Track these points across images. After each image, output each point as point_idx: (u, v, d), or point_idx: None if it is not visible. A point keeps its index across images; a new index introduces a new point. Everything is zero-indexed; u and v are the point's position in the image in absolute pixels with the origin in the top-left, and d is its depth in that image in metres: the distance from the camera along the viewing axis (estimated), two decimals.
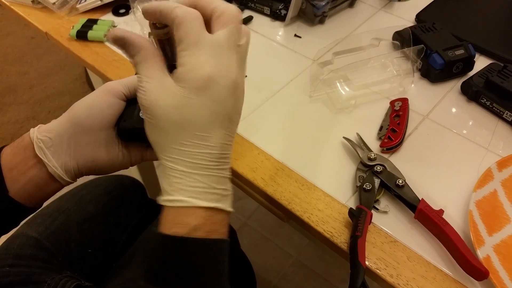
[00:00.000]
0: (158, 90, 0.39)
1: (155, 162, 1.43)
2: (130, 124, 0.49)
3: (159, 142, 0.41)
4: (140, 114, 0.49)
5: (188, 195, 0.39)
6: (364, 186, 0.59)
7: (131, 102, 0.50)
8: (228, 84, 0.39)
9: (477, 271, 0.50)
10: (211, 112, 0.39)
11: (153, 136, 0.41)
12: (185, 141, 0.39)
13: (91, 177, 0.84)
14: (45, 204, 0.53)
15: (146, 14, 0.41)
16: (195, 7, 0.41)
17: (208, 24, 0.41)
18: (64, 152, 0.48)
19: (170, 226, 0.39)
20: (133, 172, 1.30)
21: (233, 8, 0.41)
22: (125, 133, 0.50)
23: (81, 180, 0.59)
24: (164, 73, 0.40)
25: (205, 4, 0.41)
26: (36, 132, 0.48)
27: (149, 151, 0.53)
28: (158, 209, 0.41)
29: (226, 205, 0.41)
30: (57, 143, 0.48)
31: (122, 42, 0.41)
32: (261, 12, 0.90)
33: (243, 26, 0.42)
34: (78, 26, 0.86)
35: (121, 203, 0.78)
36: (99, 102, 0.48)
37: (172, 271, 0.39)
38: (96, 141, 0.49)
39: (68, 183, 0.50)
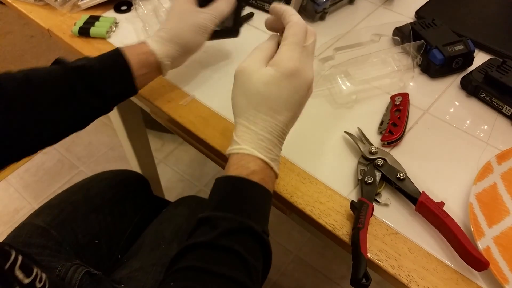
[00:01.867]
0: (255, 68, 0.51)
1: (156, 160, 1.44)
2: (217, 32, 0.72)
3: (241, 105, 0.52)
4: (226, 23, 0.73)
5: (253, 146, 0.50)
6: (366, 179, 0.59)
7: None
8: (307, 80, 0.52)
9: (477, 262, 0.51)
10: (288, 95, 0.50)
11: (238, 99, 0.52)
12: (263, 110, 0.50)
13: (97, 171, 0.85)
14: (51, 196, 0.55)
15: (273, 11, 0.56)
16: (278, 15, 0.56)
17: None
18: (178, 62, 0.69)
19: (234, 168, 0.50)
20: (134, 169, 1.31)
21: (310, 29, 0.55)
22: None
23: (87, 174, 0.60)
24: (265, 61, 0.52)
25: (286, 15, 0.54)
26: (159, 59, 0.65)
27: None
28: (162, 205, 0.43)
29: (276, 167, 0.52)
30: (173, 62, 0.67)
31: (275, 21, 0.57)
32: (262, 8, 0.91)
33: (309, 27, 0.54)
34: (80, 23, 0.86)
35: (127, 197, 0.79)
36: (200, 22, 0.66)
37: (233, 202, 0.48)
38: (197, 42, 0.68)
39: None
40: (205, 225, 0.46)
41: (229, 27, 0.75)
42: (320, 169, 0.63)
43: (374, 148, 0.62)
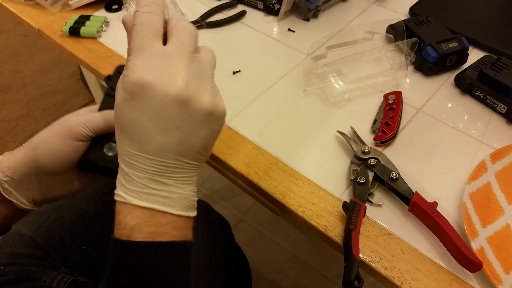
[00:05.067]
0: (118, 87, 0.39)
1: None
2: (92, 161, 0.49)
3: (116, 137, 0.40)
4: (105, 151, 0.49)
5: (126, 192, 0.38)
6: (358, 180, 0.59)
7: (97, 139, 0.49)
8: (170, 93, 0.36)
9: (471, 262, 0.50)
10: (147, 117, 0.37)
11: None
12: (124, 141, 0.38)
13: None
14: None
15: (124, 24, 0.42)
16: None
17: None
18: (30, 190, 0.49)
19: (116, 226, 0.39)
20: None
21: (185, 23, 0.40)
22: (87, 168, 0.50)
23: None
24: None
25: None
26: None
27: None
28: None
29: (172, 208, 0.39)
30: (22, 182, 0.48)
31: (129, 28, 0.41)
32: (254, 6, 0.90)
33: (206, 46, 0.42)
34: (70, 23, 0.85)
35: (113, 199, 0.78)
36: (63, 147, 0.47)
37: (122, 274, 0.38)
38: (60, 180, 0.50)
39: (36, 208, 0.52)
40: None
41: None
42: (312, 169, 0.63)
43: (366, 148, 0.62)
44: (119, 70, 0.54)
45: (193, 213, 0.41)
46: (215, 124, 0.40)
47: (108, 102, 0.51)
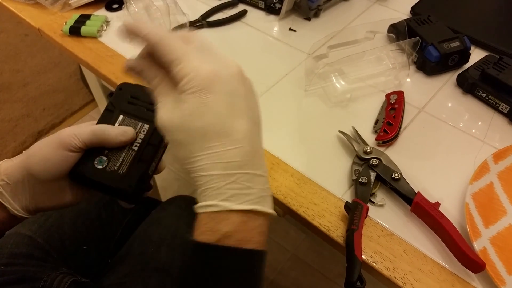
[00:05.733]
0: (171, 108, 0.39)
1: None
2: (82, 172, 0.49)
3: (187, 156, 0.38)
4: (95, 164, 0.49)
5: (221, 198, 0.37)
6: (360, 180, 0.58)
7: (90, 150, 0.49)
8: (233, 73, 0.39)
9: (473, 263, 0.50)
10: (226, 105, 0.38)
11: (180, 153, 0.39)
12: (211, 143, 0.37)
13: None
14: None
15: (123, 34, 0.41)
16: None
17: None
18: (23, 197, 0.49)
19: (201, 232, 0.38)
20: None
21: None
22: (77, 179, 0.50)
23: None
24: (170, 95, 0.40)
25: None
26: None
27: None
28: (151, 205, 0.40)
29: (265, 207, 0.39)
30: (16, 188, 0.49)
31: (139, 70, 0.42)
32: (255, 6, 0.90)
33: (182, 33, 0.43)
34: (71, 22, 0.85)
35: (115, 200, 0.77)
36: (53, 156, 0.48)
37: (201, 280, 0.38)
38: (52, 189, 0.50)
39: (29, 216, 0.51)
40: None
41: (122, 183, 0.49)
42: (314, 169, 0.62)
43: (368, 148, 0.61)
44: (121, 87, 0.54)
45: (275, 212, 0.41)
46: (257, 100, 0.43)
47: (107, 117, 0.52)
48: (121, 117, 0.52)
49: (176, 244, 0.68)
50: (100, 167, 0.49)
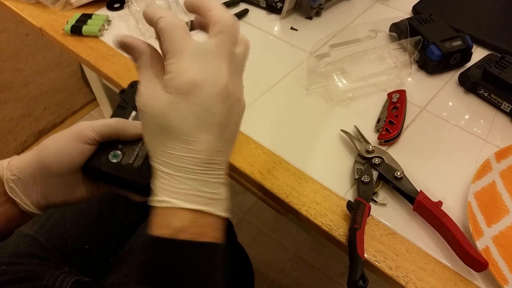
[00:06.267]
0: (150, 95, 0.40)
1: None
2: (97, 166, 0.49)
3: (151, 144, 0.41)
4: (110, 158, 0.49)
5: (172, 196, 0.39)
6: (362, 179, 0.58)
7: (103, 145, 0.50)
8: (215, 91, 0.39)
9: (476, 262, 0.50)
10: (196, 117, 0.38)
11: (146, 138, 0.41)
12: (171, 144, 0.39)
13: None
14: None
15: (187, 6, 0.42)
16: (194, 12, 0.42)
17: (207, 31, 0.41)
18: (35, 191, 0.49)
19: (156, 227, 0.39)
20: None
21: (228, 16, 0.40)
22: (91, 173, 0.50)
23: None
24: (160, 79, 0.40)
25: (204, 11, 0.41)
26: (6, 170, 0.48)
27: (115, 187, 0.54)
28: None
29: (216, 209, 0.40)
30: (27, 182, 0.48)
31: (125, 47, 0.42)
32: (257, 5, 0.90)
33: (242, 35, 0.42)
34: (72, 21, 0.85)
35: (116, 198, 0.77)
36: (69, 149, 0.48)
37: (159, 273, 0.38)
38: (65, 183, 0.50)
39: (40, 213, 0.51)
40: None
41: (130, 171, 0.50)
42: (316, 168, 0.62)
43: (370, 147, 0.61)
44: (133, 84, 0.55)
45: (229, 215, 0.42)
46: (241, 117, 0.43)
47: (119, 113, 0.53)
48: (134, 113, 0.53)
49: None
50: (114, 160, 0.49)
